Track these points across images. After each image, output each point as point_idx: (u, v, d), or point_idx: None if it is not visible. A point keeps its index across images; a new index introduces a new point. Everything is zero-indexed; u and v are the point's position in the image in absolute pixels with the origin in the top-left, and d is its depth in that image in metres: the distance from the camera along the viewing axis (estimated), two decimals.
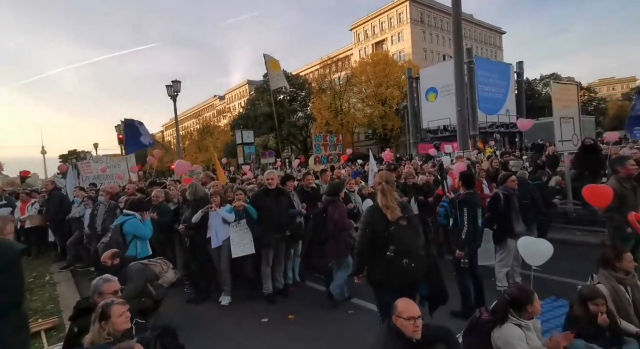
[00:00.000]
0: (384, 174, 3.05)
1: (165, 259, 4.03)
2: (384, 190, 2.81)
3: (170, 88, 20.28)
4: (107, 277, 2.87)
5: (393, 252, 2.62)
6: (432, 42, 51.11)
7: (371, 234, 2.74)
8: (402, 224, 2.69)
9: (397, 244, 2.64)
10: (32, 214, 7.49)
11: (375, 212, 2.82)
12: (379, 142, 41.27)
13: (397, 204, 2.77)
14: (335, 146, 6.38)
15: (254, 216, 4.53)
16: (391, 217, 2.71)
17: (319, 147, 6.07)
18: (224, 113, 66.59)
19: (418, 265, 2.68)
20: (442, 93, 21.36)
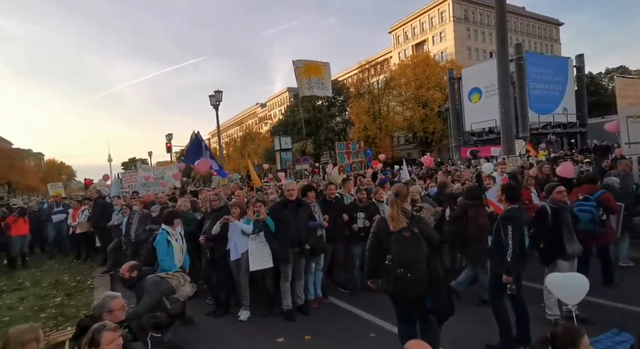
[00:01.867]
0: (397, 187, 3.12)
1: (182, 273, 4.02)
2: (392, 202, 2.94)
3: (213, 98, 21.28)
4: (113, 294, 2.85)
5: (390, 262, 2.78)
6: (478, 40, 48.46)
7: (377, 243, 2.95)
8: (404, 236, 2.80)
9: (394, 254, 2.78)
10: (82, 220, 8.10)
11: (380, 223, 3.02)
12: (420, 146, 39.81)
13: (404, 217, 2.85)
14: (358, 154, 6.05)
15: (271, 229, 4.38)
16: (393, 228, 2.83)
17: (342, 155, 5.79)
18: (265, 120, 68.63)
19: (415, 277, 2.72)
20: (487, 93, 19.90)
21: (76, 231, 8.17)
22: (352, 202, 5.44)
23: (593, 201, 4.54)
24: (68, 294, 5.75)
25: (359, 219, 5.17)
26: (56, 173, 44.75)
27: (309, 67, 8.62)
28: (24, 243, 8.53)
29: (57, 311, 4.96)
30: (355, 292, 5.21)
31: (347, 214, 5.14)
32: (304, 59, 8.70)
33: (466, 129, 21.72)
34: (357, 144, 6.03)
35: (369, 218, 5.14)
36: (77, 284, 6.31)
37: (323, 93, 8.62)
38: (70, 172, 74.88)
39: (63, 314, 4.79)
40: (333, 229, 5.02)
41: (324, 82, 8.79)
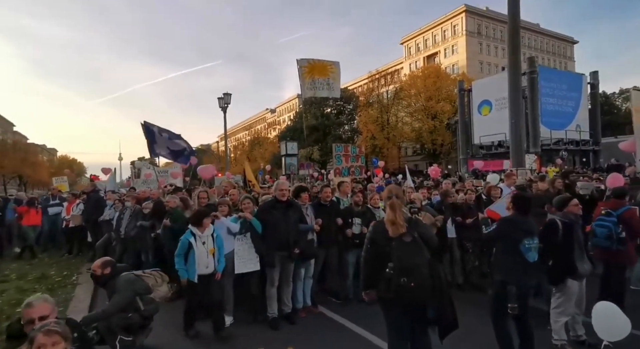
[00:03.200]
0: (393, 188, 2.86)
1: (161, 271, 3.77)
2: (394, 205, 2.67)
3: (222, 100, 21.34)
4: (28, 302, 2.29)
5: (392, 270, 2.55)
6: (490, 54, 48.28)
7: (374, 250, 2.73)
8: (405, 241, 2.61)
9: (395, 261, 2.56)
10: (75, 214, 7.95)
11: (377, 228, 2.78)
12: (428, 158, 39.40)
13: (404, 221, 2.63)
14: (358, 157, 5.76)
15: (257, 230, 4.13)
16: (392, 233, 2.61)
17: (340, 158, 5.52)
18: (274, 125, 68.94)
19: (418, 285, 2.51)
20: (497, 106, 19.53)
21: (69, 225, 8.03)
22: (348, 206, 5.17)
23: (614, 217, 4.21)
24: (49, 289, 5.54)
25: (354, 224, 4.89)
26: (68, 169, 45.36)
27: (314, 66, 8.25)
28: (36, 233, 8.50)
29: None
30: (347, 303, 4.90)
31: (341, 219, 4.87)
32: (310, 58, 8.32)
33: (475, 141, 21.30)
34: (357, 147, 5.76)
35: (366, 224, 4.86)
36: (62, 280, 6.11)
37: (329, 95, 8.27)
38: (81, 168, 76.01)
39: None
40: (326, 234, 4.75)
41: (330, 83, 8.36)
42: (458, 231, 5.21)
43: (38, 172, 47.69)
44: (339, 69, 8.55)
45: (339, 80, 8.56)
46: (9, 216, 8.98)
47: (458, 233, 5.24)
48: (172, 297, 5.07)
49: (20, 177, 47.41)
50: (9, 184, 45.69)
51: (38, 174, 48.30)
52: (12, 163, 42.03)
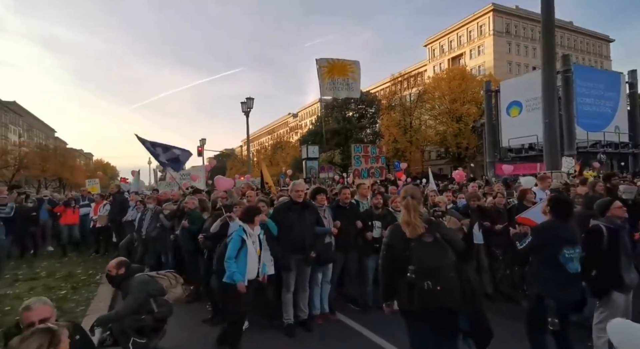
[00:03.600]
0: (410, 188, 2.66)
1: (175, 273, 3.73)
2: (408, 205, 2.50)
3: (244, 105, 21.74)
4: (26, 305, 2.20)
5: (414, 273, 2.30)
6: (520, 54, 46.42)
7: (391, 255, 2.51)
8: (425, 241, 2.39)
9: (416, 263, 2.32)
10: (102, 214, 8.20)
11: (394, 231, 2.58)
12: (452, 162, 38.23)
13: (421, 222, 2.44)
14: (378, 159, 5.50)
15: (272, 232, 4.01)
16: (410, 233, 2.42)
17: (359, 159, 5.30)
18: (296, 130, 69.46)
19: (445, 289, 2.26)
20: (528, 107, 18.56)
21: (97, 225, 8.29)
22: (368, 209, 4.96)
23: None
24: (74, 288, 5.69)
25: (375, 228, 4.68)
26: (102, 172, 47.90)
27: (334, 66, 8.02)
28: (72, 232, 8.88)
29: (57, 305, 4.82)
30: (366, 310, 4.68)
31: (360, 222, 4.67)
32: (330, 58, 8.11)
33: (503, 144, 20.34)
34: (378, 148, 5.52)
35: (386, 228, 4.64)
36: (87, 278, 6.27)
37: (348, 95, 8.08)
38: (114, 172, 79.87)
39: (60, 309, 4.66)
40: (345, 237, 4.56)
41: (349, 84, 8.10)
42: (486, 237, 4.87)
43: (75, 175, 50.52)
44: (359, 69, 8.32)
45: (359, 81, 8.33)
46: (43, 216, 9.41)
47: (486, 239, 4.90)
48: (188, 299, 5.07)
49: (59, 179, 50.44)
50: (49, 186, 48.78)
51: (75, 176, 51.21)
52: (53, 167, 45.22)
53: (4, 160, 39.24)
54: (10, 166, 40.07)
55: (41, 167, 44.03)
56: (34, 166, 42.55)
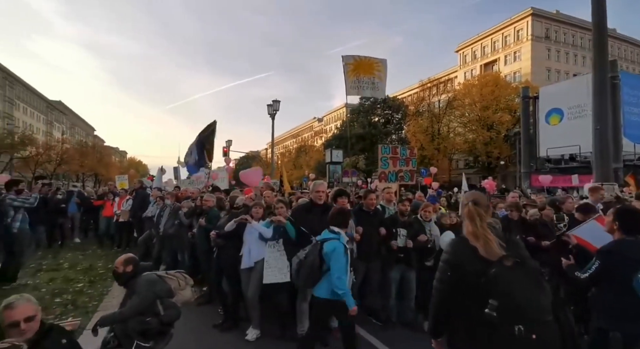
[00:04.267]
0: (472, 193, 2.05)
1: (185, 274, 3.51)
2: (472, 214, 1.84)
3: (270, 107, 21.86)
4: (8, 303, 1.97)
5: (496, 311, 1.62)
6: (560, 60, 44.01)
7: (458, 279, 1.79)
8: (510, 267, 1.68)
9: (502, 297, 1.62)
10: (124, 209, 8.28)
11: (462, 247, 1.86)
12: (481, 171, 36.65)
13: (495, 237, 1.77)
14: (408, 161, 5.04)
15: (290, 235, 3.71)
16: (488, 253, 1.73)
17: (387, 161, 4.87)
18: (320, 134, 69.51)
19: (543, 338, 1.61)
20: (570, 115, 17.28)
21: (119, 219, 8.39)
22: (393, 215, 4.57)
23: None
24: (91, 281, 5.67)
25: (399, 236, 4.28)
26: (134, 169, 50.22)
27: (360, 63, 7.67)
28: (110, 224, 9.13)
29: (72, 298, 4.81)
30: (388, 325, 4.27)
31: (384, 229, 4.29)
32: (357, 55, 7.79)
33: (540, 154, 19.07)
34: (408, 149, 5.07)
35: (413, 237, 4.23)
36: (105, 272, 6.25)
37: (373, 95, 7.71)
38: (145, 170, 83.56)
39: (74, 303, 4.61)
40: (368, 245, 4.20)
41: (375, 83, 7.73)
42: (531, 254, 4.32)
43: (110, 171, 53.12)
44: (385, 67, 7.96)
45: (385, 80, 7.94)
46: (71, 208, 9.68)
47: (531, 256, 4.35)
48: (200, 301, 4.87)
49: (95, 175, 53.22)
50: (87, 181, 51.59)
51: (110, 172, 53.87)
52: (91, 163, 48.09)
53: (48, 155, 41.79)
54: (53, 161, 42.65)
55: (80, 163, 46.71)
56: (73, 161, 45.14)
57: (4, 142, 34.80)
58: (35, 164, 40.05)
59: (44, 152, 40.97)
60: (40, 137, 50.57)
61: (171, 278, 3.34)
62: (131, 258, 3.26)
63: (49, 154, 42.23)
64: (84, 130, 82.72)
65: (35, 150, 39.92)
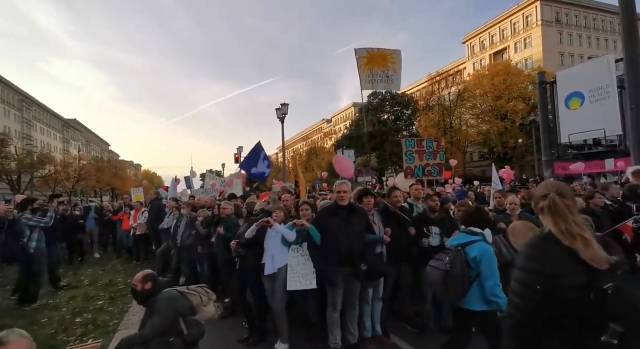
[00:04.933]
0: (552, 183, 1.59)
1: (207, 288, 3.29)
2: (560, 207, 1.43)
3: (279, 111, 21.75)
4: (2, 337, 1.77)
5: (621, 339, 1.21)
6: (573, 44, 42.64)
7: (552, 294, 1.34)
8: (624, 276, 1.30)
9: (630, 323, 1.21)
10: (141, 222, 8.19)
11: (552, 250, 1.39)
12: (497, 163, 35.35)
13: (594, 237, 1.37)
14: (436, 154, 4.69)
15: (315, 240, 3.44)
16: (591, 258, 1.30)
17: (412, 155, 4.53)
18: (330, 135, 69.29)
19: None
20: (592, 98, 16.47)
21: (136, 232, 8.30)
22: (422, 213, 4.26)
23: None
24: (111, 298, 5.55)
25: (432, 235, 3.96)
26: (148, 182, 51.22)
27: (373, 56, 7.33)
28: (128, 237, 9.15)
29: (92, 317, 4.67)
30: (425, 332, 3.95)
31: (414, 228, 3.99)
32: (370, 47, 7.42)
33: (562, 140, 18.29)
34: (435, 141, 4.73)
35: (447, 234, 3.91)
36: (125, 288, 6.13)
37: (387, 88, 7.38)
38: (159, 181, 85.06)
39: (95, 322, 4.46)
40: (397, 246, 3.90)
41: (389, 75, 7.42)
42: None
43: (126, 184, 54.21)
44: (399, 59, 7.61)
45: (400, 72, 7.58)
46: (89, 224, 9.69)
47: None
48: (223, 314, 4.65)
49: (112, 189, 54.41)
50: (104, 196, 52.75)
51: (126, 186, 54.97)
52: (107, 178, 49.32)
53: (66, 172, 42.90)
54: (71, 178, 43.77)
55: (96, 178, 47.88)
56: (90, 177, 46.26)
57: (24, 162, 35.78)
58: (55, 182, 41.17)
59: (62, 170, 42.10)
60: (58, 155, 51.96)
61: (193, 294, 3.12)
62: (150, 274, 3.05)
63: (67, 171, 43.36)
64: (99, 146, 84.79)
65: (54, 168, 41.00)
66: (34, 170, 37.92)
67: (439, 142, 4.75)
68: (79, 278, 7.04)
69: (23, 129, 50.79)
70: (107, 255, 10.15)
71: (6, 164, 33.98)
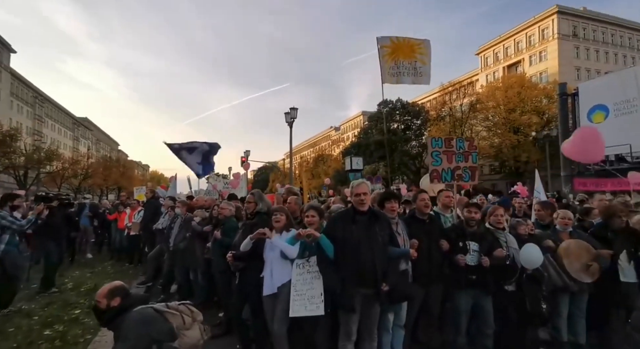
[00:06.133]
0: None
1: (191, 306, 2.64)
2: None
3: (288, 115, 21.31)
4: None
5: None
6: (590, 59, 41.81)
7: None
8: None
9: None
10: (135, 221, 7.61)
11: None
12: (508, 177, 34.73)
13: None
14: (467, 156, 3.96)
15: (328, 254, 2.79)
16: None
17: (438, 156, 3.83)
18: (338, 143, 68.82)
19: None
20: (616, 111, 15.66)
21: (130, 233, 7.72)
22: (457, 225, 3.59)
23: None
24: (89, 307, 4.91)
25: (469, 251, 3.28)
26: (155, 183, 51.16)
27: (398, 46, 6.62)
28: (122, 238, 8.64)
29: (63, 330, 4.04)
30: None
31: (446, 242, 3.33)
32: (394, 36, 6.72)
33: None
34: (467, 141, 4.05)
35: (487, 253, 3.23)
36: None
37: (415, 82, 6.61)
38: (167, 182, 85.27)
39: (64, 337, 3.82)
40: (427, 263, 3.23)
41: (417, 68, 6.66)
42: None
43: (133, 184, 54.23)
44: (429, 49, 6.83)
45: (429, 64, 6.84)
46: (83, 222, 9.14)
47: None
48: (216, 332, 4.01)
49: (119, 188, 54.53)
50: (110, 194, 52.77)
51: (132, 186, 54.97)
52: (114, 176, 49.30)
53: (73, 169, 42.92)
54: (78, 175, 43.80)
55: (103, 177, 47.88)
56: (97, 175, 46.27)
57: (32, 158, 35.80)
58: (62, 179, 41.14)
59: (69, 167, 42.08)
60: (67, 153, 52.21)
61: (173, 313, 2.48)
62: (118, 288, 2.43)
63: (75, 168, 43.36)
64: (108, 145, 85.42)
65: (61, 165, 41.00)
66: (41, 166, 37.92)
67: (471, 142, 4.06)
68: (63, 281, 6.45)
69: (34, 126, 51.25)
70: (101, 256, 9.56)
71: (14, 159, 34.01)
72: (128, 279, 6.49)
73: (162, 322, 2.37)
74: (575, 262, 3.42)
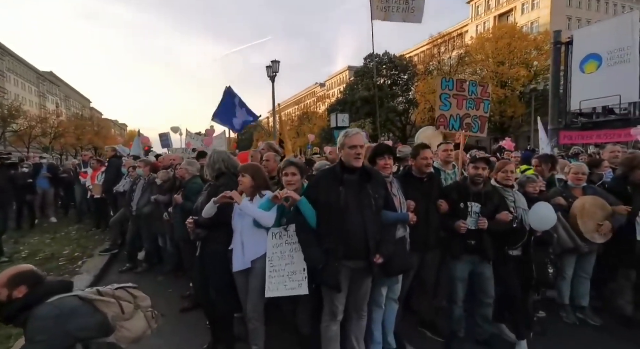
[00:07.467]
0: None
1: (134, 289, 2.08)
2: None
3: (270, 69, 19.80)
4: None
5: None
6: (582, 7, 40.40)
7: None
8: None
9: None
10: (97, 183, 6.83)
11: None
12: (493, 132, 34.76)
13: None
14: (479, 103, 3.32)
15: (309, 220, 2.23)
16: None
17: (448, 99, 3.17)
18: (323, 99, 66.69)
19: None
20: (609, 60, 15.02)
21: (93, 195, 6.98)
22: (459, 182, 3.07)
23: None
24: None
25: (470, 214, 2.80)
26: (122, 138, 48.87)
27: None
28: None
29: None
30: (454, 341, 2.94)
31: (446, 202, 2.84)
32: None
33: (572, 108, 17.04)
34: (480, 86, 3.40)
35: (490, 215, 2.76)
36: (65, 264, 4.95)
37: (405, 20, 5.74)
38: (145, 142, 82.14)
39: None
40: (424, 227, 2.76)
41: (408, 2, 5.82)
42: None
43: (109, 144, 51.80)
44: None
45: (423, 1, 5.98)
46: (42, 184, 8.27)
47: None
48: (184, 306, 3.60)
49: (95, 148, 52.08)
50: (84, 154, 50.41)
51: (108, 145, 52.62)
52: (88, 136, 46.70)
53: (42, 128, 40.24)
54: (48, 134, 41.22)
55: (76, 136, 45.29)
56: (68, 134, 43.69)
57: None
58: (29, 138, 38.61)
59: (36, 125, 39.31)
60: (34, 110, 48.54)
61: (107, 301, 1.92)
62: (23, 274, 1.80)
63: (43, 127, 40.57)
64: (79, 102, 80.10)
65: (27, 123, 38.21)
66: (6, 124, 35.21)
67: (484, 87, 3.44)
68: (18, 248, 5.81)
69: None
70: (67, 220, 8.86)
71: None
72: (92, 246, 5.93)
73: (88, 314, 1.81)
74: (589, 221, 3.03)
